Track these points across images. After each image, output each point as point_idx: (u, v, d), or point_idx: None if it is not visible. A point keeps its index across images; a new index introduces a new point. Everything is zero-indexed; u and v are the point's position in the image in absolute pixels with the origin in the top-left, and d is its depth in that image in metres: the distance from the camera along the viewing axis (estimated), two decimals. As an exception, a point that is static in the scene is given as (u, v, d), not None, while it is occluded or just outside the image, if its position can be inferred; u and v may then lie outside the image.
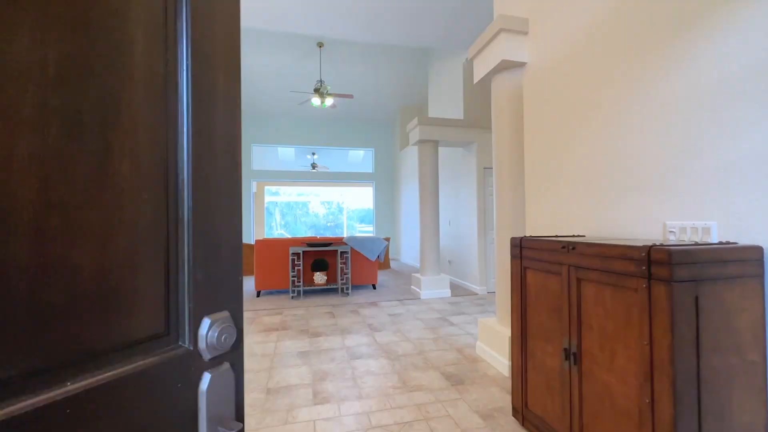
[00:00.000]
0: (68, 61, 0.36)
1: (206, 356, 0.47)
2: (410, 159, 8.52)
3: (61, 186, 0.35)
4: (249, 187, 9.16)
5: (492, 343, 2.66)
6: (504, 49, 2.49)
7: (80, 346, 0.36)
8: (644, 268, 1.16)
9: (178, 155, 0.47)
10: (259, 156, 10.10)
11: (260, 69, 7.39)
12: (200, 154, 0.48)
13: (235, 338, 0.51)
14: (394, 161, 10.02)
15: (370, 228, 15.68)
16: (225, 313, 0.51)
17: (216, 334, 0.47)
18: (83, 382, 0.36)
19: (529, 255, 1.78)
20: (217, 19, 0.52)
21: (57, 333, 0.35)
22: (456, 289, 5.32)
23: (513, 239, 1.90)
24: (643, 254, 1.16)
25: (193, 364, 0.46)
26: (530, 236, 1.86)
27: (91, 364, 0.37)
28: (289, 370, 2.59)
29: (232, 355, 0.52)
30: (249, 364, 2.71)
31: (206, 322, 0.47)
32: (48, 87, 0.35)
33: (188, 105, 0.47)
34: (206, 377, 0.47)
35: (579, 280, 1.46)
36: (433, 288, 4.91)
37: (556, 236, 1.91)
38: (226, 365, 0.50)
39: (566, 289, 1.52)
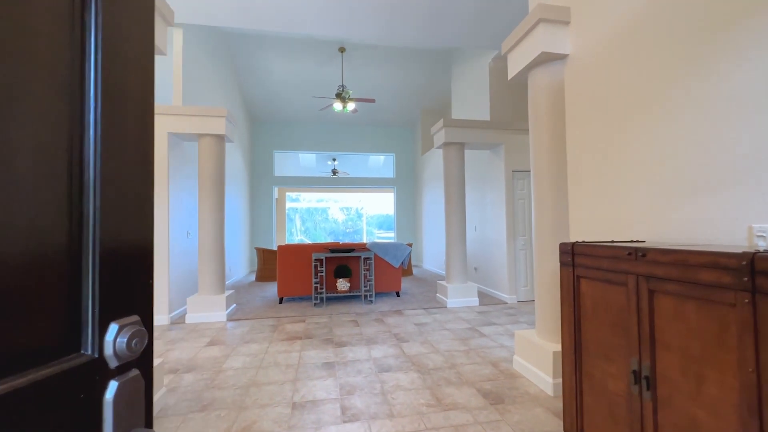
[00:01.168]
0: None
1: (113, 363, 0.45)
2: (432, 163, 8.35)
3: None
4: (271, 193, 9.21)
5: (532, 358, 2.45)
6: (543, 40, 2.32)
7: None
8: (746, 279, 0.96)
9: (85, 151, 0.44)
10: (280, 162, 10.18)
11: (282, 76, 7.44)
12: (110, 150, 0.46)
13: (146, 343, 0.49)
14: (415, 166, 9.88)
15: (390, 234, 15.56)
16: (135, 317, 0.49)
17: (125, 340, 0.46)
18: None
19: (583, 262, 1.59)
20: (129, 9, 0.50)
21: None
22: (483, 298, 5.09)
23: (563, 245, 1.72)
24: (744, 263, 0.97)
25: (97, 373, 0.44)
26: (584, 242, 1.67)
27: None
28: (315, 382, 2.46)
29: (142, 361, 0.50)
30: (273, 374, 2.60)
31: (114, 327, 0.46)
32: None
33: (96, 99, 0.45)
34: (113, 386, 0.45)
35: (651, 292, 1.26)
36: (460, 296, 4.70)
37: (613, 242, 1.71)
38: (135, 372, 0.48)
39: (634, 302, 1.32)
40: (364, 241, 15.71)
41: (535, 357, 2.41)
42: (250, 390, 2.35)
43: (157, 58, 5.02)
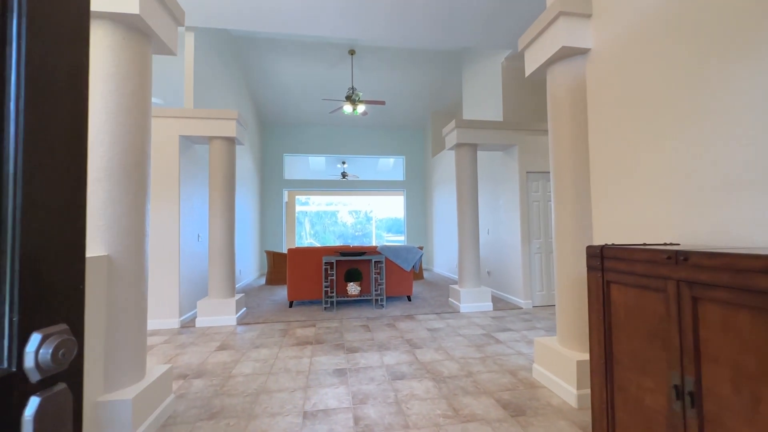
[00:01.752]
0: None
1: (35, 377, 0.41)
2: (442, 165, 8.25)
3: None
4: (281, 196, 9.21)
5: (553, 367, 2.33)
6: (564, 34, 2.22)
7: None
8: (814, 286, 0.86)
9: (5, 144, 0.40)
10: (290, 166, 10.19)
11: (292, 79, 7.45)
12: (34, 143, 0.42)
13: (75, 353, 0.45)
14: (425, 168, 9.79)
15: (399, 237, 15.47)
16: (62, 326, 0.45)
17: (51, 351, 0.42)
18: None
19: (614, 267, 1.49)
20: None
21: None
22: (497, 303, 4.96)
23: (590, 248, 1.61)
24: (811, 268, 0.86)
25: (15, 388, 0.40)
26: (615, 244, 1.56)
27: None
28: (326, 390, 2.38)
29: (70, 374, 0.46)
30: (283, 381, 2.53)
31: (36, 337, 0.42)
32: None
33: (18, 85, 0.41)
34: (34, 402, 0.41)
35: (695, 300, 1.16)
36: (473, 301, 4.59)
37: (644, 244, 1.60)
38: (62, 386, 0.44)
39: (675, 311, 1.21)
40: (374, 245, 15.66)
41: (557, 366, 2.29)
42: (260, 397, 2.28)
43: (169, 62, 5.06)
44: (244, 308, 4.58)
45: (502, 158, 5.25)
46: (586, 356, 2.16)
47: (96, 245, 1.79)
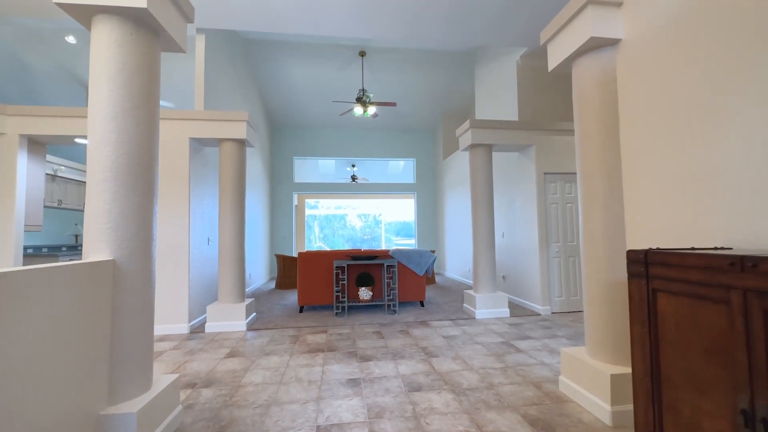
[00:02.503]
0: None
1: None
2: (454, 168, 8.11)
3: None
4: (291, 199, 9.16)
5: (583, 381, 2.17)
6: (592, 24, 2.09)
7: None
8: None
9: None
10: (300, 169, 10.16)
11: (302, 82, 7.41)
12: None
13: None
14: (436, 171, 9.65)
15: (408, 241, 15.32)
16: None
17: None
18: None
19: (661, 273, 1.34)
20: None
21: None
22: (514, 309, 4.78)
23: (632, 253, 1.47)
24: None
25: None
26: (662, 249, 1.42)
27: None
28: (340, 402, 2.26)
29: None
30: (294, 392, 2.41)
31: None
32: None
33: None
34: None
35: (767, 312, 1.01)
36: (489, 307, 4.42)
37: (693, 248, 1.45)
38: None
39: (741, 324, 1.07)
40: (383, 248, 15.54)
41: (588, 379, 2.13)
42: (271, 409, 2.17)
43: (180, 64, 5.04)
44: (254, 313, 4.49)
45: (517, 159, 5.10)
46: (621, 369, 2.00)
47: (100, 249, 1.71)
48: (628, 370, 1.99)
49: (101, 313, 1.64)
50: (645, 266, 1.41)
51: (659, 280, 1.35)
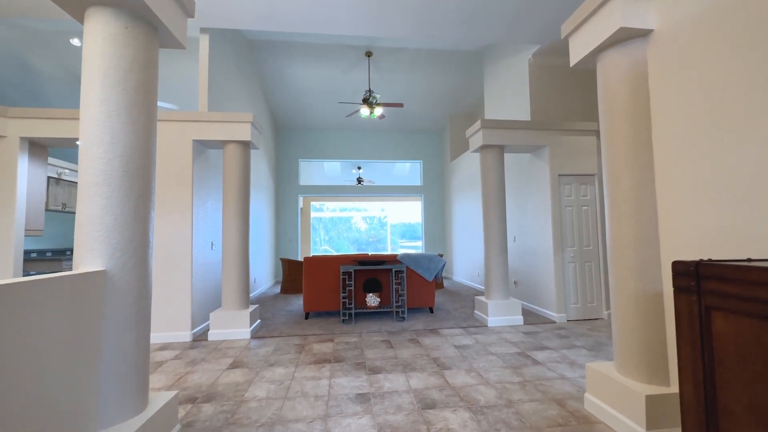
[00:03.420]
0: None
1: None
2: (462, 170, 7.94)
3: None
4: (296, 202, 9.05)
5: (613, 400, 2.00)
6: (621, 14, 1.93)
7: None
8: None
9: None
10: (306, 172, 10.05)
11: (307, 83, 7.31)
12: None
13: None
14: (443, 173, 9.49)
15: (414, 243, 15.15)
16: None
17: None
18: None
19: (717, 289, 1.18)
20: None
21: None
22: (527, 316, 4.60)
23: (680, 264, 1.30)
24: None
25: None
26: (717, 260, 1.25)
27: None
28: (348, 421, 2.11)
29: None
30: (300, 408, 2.27)
31: None
32: None
33: None
34: None
35: None
36: (501, 314, 4.25)
37: (749, 260, 1.29)
38: None
39: (828, 354, 0.90)
40: (389, 251, 15.38)
41: (618, 399, 1.96)
42: (275, 429, 2.03)
43: (184, 66, 4.95)
44: (259, 320, 4.36)
45: (529, 160, 4.93)
46: (657, 389, 1.83)
47: (91, 258, 1.58)
48: (666, 390, 1.82)
49: (91, 328, 1.51)
50: (696, 280, 1.25)
51: (714, 296, 1.19)
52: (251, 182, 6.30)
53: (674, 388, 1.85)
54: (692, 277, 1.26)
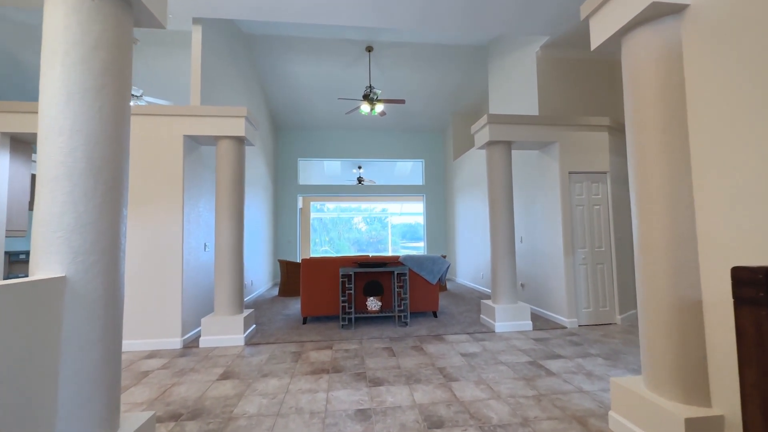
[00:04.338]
0: None
1: None
2: (466, 168, 7.73)
3: None
4: (295, 202, 8.84)
5: (642, 420, 1.78)
6: (654, -13, 1.71)
7: None
8: None
9: None
10: (305, 171, 9.85)
11: (306, 80, 7.10)
12: None
13: None
14: (446, 172, 9.28)
15: (416, 245, 14.93)
16: None
17: None
18: None
19: (797, 302, 0.96)
20: None
21: None
22: (536, 321, 4.38)
23: (742, 271, 1.09)
24: None
25: None
26: (794, 267, 1.04)
27: None
28: (348, 442, 1.90)
29: None
30: (294, 427, 2.05)
31: None
32: None
33: None
34: None
35: None
36: (509, 319, 4.03)
37: (828, 266, 1.07)
38: None
39: None
40: (390, 252, 15.15)
41: (650, 420, 1.74)
42: (265, 453, 1.81)
43: (180, 63, 4.74)
44: (254, 325, 4.15)
45: (537, 158, 4.71)
46: (698, 412, 1.61)
47: (49, 263, 1.37)
48: (708, 412, 1.60)
49: (47, 343, 1.30)
50: (765, 290, 1.03)
51: (792, 310, 0.97)
52: (248, 181, 6.10)
53: (717, 409, 1.63)
54: (761, 287, 1.04)
